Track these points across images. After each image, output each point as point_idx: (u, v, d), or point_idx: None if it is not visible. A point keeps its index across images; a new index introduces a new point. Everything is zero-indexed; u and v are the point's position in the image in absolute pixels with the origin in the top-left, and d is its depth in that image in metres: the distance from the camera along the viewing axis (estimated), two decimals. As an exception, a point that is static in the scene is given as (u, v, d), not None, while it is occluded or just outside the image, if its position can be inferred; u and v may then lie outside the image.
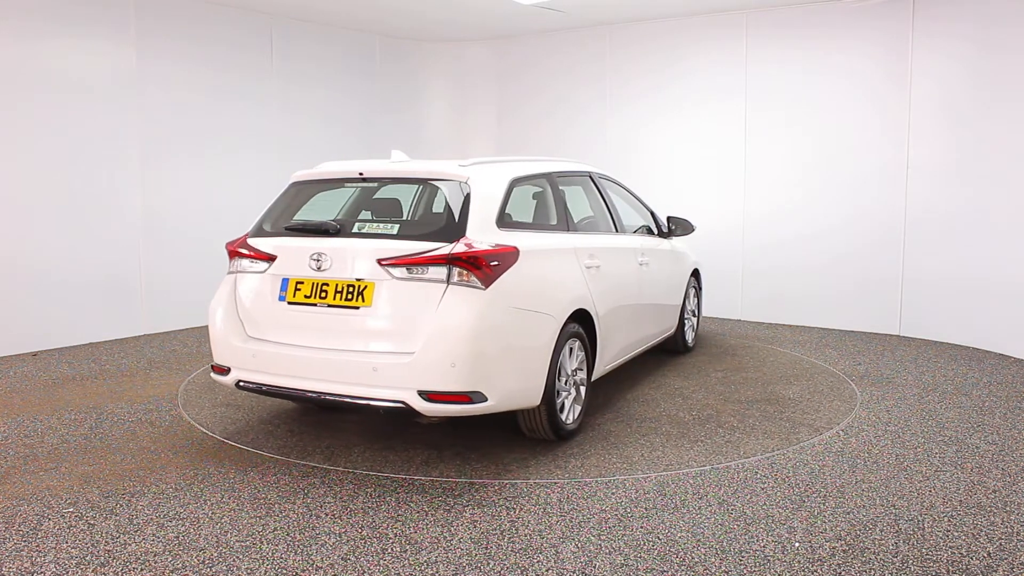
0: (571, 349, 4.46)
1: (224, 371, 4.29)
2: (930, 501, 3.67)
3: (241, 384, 4.23)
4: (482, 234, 3.97)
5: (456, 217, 4.01)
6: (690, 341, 6.81)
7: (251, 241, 4.36)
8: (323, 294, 4.02)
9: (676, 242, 6.47)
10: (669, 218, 6.30)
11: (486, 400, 3.81)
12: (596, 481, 3.92)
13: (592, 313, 4.65)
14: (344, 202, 4.86)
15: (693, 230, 6.40)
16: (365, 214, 4.66)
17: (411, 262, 3.84)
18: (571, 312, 4.38)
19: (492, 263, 3.88)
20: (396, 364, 3.78)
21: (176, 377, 5.95)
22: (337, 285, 4.00)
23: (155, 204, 7.51)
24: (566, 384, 4.43)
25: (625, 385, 5.69)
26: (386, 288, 3.90)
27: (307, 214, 4.49)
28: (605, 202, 5.49)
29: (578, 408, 4.58)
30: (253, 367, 4.17)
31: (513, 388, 3.98)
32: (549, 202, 4.86)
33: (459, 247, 3.84)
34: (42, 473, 4.02)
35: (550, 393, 4.21)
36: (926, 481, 3.92)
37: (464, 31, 9.48)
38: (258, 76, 8.32)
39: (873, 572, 3.01)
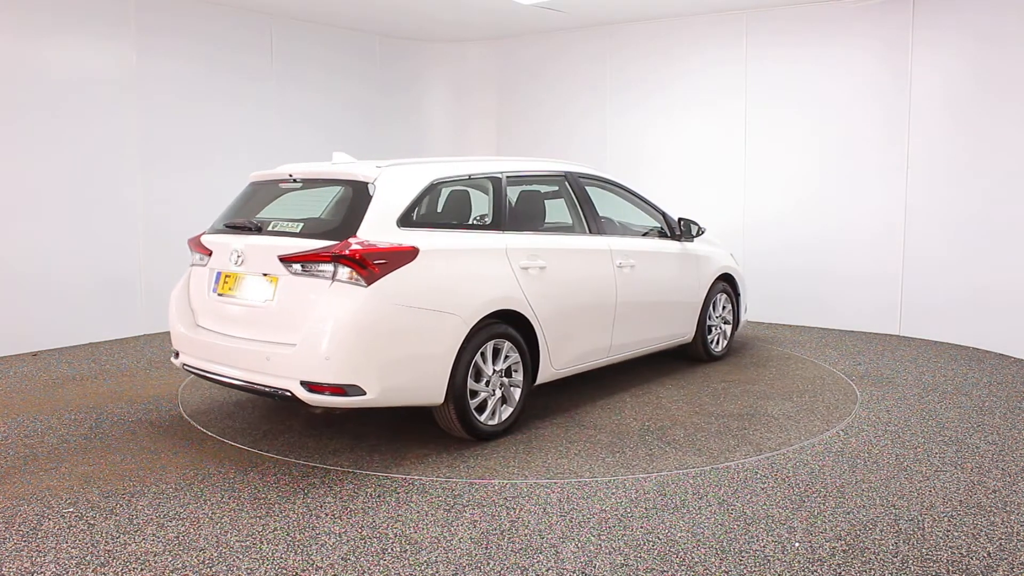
0: (498, 350, 4.49)
1: (177, 355, 4.70)
2: (930, 501, 3.67)
3: (185, 367, 4.60)
4: (376, 233, 4.08)
5: (353, 216, 4.15)
6: (718, 349, 6.53)
7: (203, 237, 4.69)
8: (243, 287, 4.34)
9: (695, 245, 6.22)
10: (680, 220, 6.14)
11: (364, 394, 3.93)
12: (596, 481, 3.92)
13: (528, 315, 4.63)
14: (328, 201, 5.00)
15: (702, 232, 6.25)
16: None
17: (302, 259, 4.04)
18: (488, 313, 4.38)
19: (377, 261, 3.98)
20: (283, 354, 4.00)
21: (176, 377, 5.95)
22: (251, 279, 4.30)
23: (155, 204, 7.52)
24: (487, 385, 4.43)
25: (604, 391, 5.60)
26: (285, 283, 4.12)
27: (275, 212, 4.67)
28: (579, 203, 5.36)
29: (509, 410, 4.59)
30: (192, 352, 4.53)
31: (400, 385, 4.07)
32: (487, 202, 4.85)
33: (346, 245, 3.98)
34: (42, 473, 4.02)
35: (459, 392, 4.26)
36: (926, 481, 3.92)
37: (464, 31, 9.48)
38: (258, 76, 8.32)
39: (873, 572, 3.01)
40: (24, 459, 4.22)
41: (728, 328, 6.68)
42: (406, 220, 4.24)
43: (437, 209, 4.82)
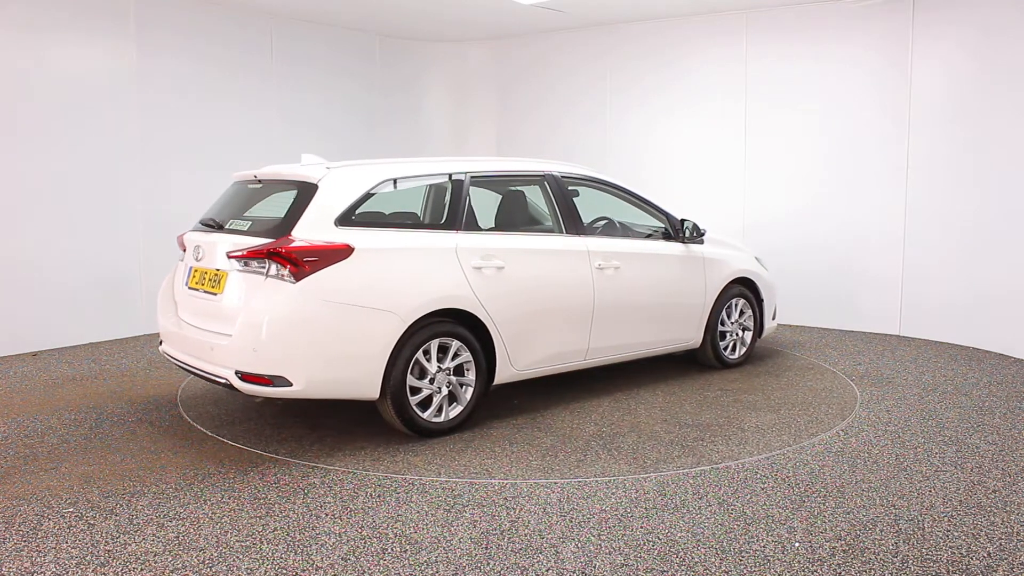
0: (446, 348, 4.54)
1: (161, 343, 5.02)
2: (930, 501, 3.67)
3: (165, 355, 4.89)
4: (312, 232, 4.26)
5: (293, 215, 4.34)
6: (733, 356, 6.26)
7: (184, 234, 5.01)
8: (203, 281, 4.59)
9: (704, 247, 6.00)
10: (682, 221, 5.91)
11: (291, 385, 4.11)
12: (596, 481, 3.92)
13: (481, 315, 4.65)
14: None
15: (702, 233, 6.01)
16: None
17: (242, 256, 4.27)
18: (430, 311, 4.44)
19: (308, 259, 4.15)
20: (221, 345, 4.25)
21: (176, 377, 5.95)
22: (209, 274, 4.55)
23: (155, 203, 7.51)
24: (431, 382, 4.49)
25: (587, 393, 5.50)
26: (232, 278, 4.36)
27: (248, 211, 4.85)
28: (556, 204, 5.28)
29: (459, 408, 4.64)
30: (169, 341, 4.86)
31: (330, 378, 4.21)
32: (439, 203, 4.88)
33: (281, 243, 4.19)
34: (42, 473, 4.02)
35: (397, 388, 4.35)
36: (926, 481, 3.92)
37: (464, 31, 9.48)
38: (258, 75, 8.32)
39: (873, 572, 3.01)
40: (24, 459, 4.23)
41: (745, 335, 6.37)
42: (345, 219, 4.38)
43: (385, 208, 4.86)
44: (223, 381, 4.24)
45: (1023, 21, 6.44)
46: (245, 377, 4.14)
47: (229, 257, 4.34)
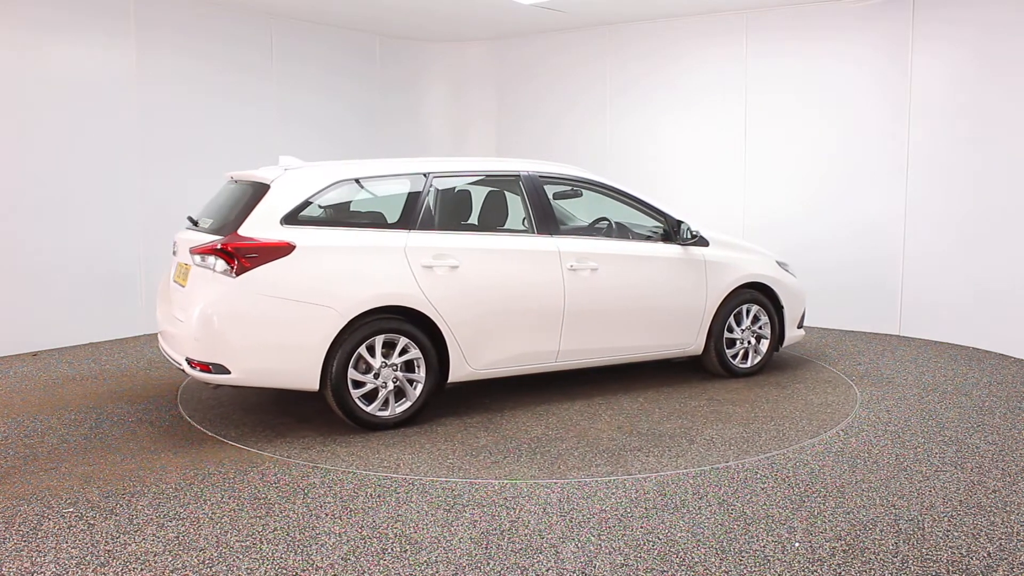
0: (392, 344, 4.65)
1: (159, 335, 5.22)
2: (930, 501, 3.67)
3: (160, 348, 5.10)
4: (257, 230, 4.49)
5: (243, 214, 4.60)
6: (744, 365, 5.94)
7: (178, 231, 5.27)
8: (178, 275, 4.86)
9: (707, 249, 5.75)
10: (680, 222, 5.68)
11: (228, 373, 4.38)
12: (596, 481, 3.92)
13: (431, 313, 4.70)
14: None
15: (695, 234, 5.79)
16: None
17: (197, 251, 4.54)
18: (372, 308, 4.56)
19: (249, 255, 4.39)
20: (176, 334, 4.60)
21: (176, 377, 5.95)
22: (181, 268, 4.83)
23: (155, 204, 7.51)
24: (375, 377, 4.61)
25: (563, 396, 5.40)
26: (192, 272, 4.63)
27: (228, 209, 5.01)
28: (529, 203, 5.23)
29: (408, 403, 4.73)
30: (160, 334, 5.09)
31: (267, 368, 4.46)
32: (396, 202, 4.95)
33: (223, 240, 4.46)
34: (42, 473, 4.02)
35: (338, 381, 4.51)
36: (926, 481, 3.92)
37: (464, 31, 9.48)
38: (258, 75, 8.31)
39: (873, 572, 3.01)
40: (24, 459, 4.23)
41: (759, 343, 6.01)
42: (291, 218, 4.58)
43: (341, 208, 4.92)
44: (179, 366, 4.56)
45: (1022, 19, 6.44)
46: (192, 363, 4.44)
47: (191, 253, 4.59)
